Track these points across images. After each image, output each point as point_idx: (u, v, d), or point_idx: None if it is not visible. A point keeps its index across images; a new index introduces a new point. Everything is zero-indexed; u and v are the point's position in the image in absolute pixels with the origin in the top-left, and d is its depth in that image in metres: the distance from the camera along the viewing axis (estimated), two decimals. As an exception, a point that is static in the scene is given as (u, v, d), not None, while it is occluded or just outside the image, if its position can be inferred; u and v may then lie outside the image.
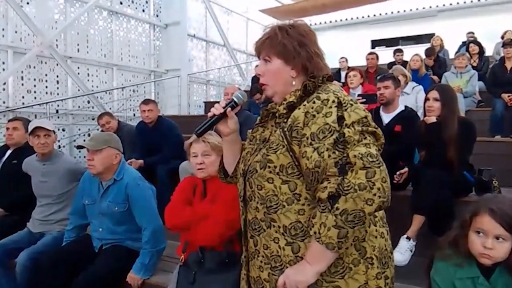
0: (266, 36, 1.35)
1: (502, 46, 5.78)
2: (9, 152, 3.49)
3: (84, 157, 6.32)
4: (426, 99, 2.90)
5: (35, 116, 6.05)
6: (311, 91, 1.29)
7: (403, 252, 2.58)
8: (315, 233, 1.15)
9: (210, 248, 2.08)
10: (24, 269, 2.69)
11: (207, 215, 2.05)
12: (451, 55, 7.60)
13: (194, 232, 2.08)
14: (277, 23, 1.37)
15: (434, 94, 2.84)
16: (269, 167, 1.25)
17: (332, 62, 7.53)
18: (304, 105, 1.24)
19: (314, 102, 1.23)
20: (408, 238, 2.63)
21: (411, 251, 2.62)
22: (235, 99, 1.42)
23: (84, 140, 4.40)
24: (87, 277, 2.39)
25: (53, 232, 2.98)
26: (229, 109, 1.40)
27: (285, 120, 1.28)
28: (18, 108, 5.82)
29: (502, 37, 7.75)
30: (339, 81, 6.94)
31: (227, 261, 2.00)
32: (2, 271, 2.83)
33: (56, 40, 6.56)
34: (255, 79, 7.38)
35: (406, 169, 3.00)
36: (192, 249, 2.13)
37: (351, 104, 1.21)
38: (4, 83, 5.87)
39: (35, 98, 6.28)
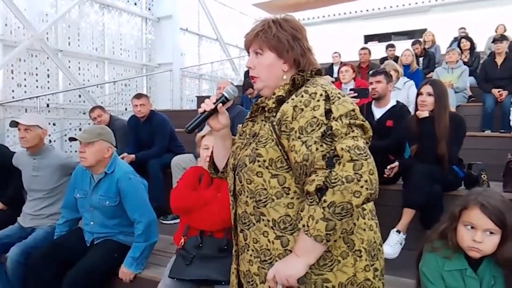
0: (259, 28, 1.33)
1: (493, 42, 5.81)
2: None
3: (76, 151, 6.30)
4: (419, 94, 2.91)
5: (25, 110, 6.00)
6: (299, 85, 1.29)
7: (393, 245, 2.61)
8: (303, 226, 1.16)
9: (209, 234, 2.15)
10: (16, 264, 2.69)
11: (211, 201, 2.13)
12: (443, 50, 7.64)
13: (196, 216, 2.16)
14: (269, 17, 1.36)
15: (427, 88, 2.86)
16: (258, 161, 1.25)
17: (325, 57, 7.59)
18: (293, 99, 1.24)
19: (302, 96, 1.23)
20: (398, 231, 2.65)
21: (401, 244, 2.64)
22: (226, 95, 1.40)
23: (76, 134, 4.38)
24: (79, 271, 2.39)
25: (44, 227, 2.96)
26: (220, 104, 1.38)
27: (274, 114, 1.28)
28: (8, 102, 5.77)
29: (496, 31, 7.80)
30: (331, 76, 6.96)
31: (225, 248, 2.07)
32: (-7, 265, 2.82)
33: (47, 33, 6.49)
34: (248, 74, 7.37)
35: (396, 163, 3.02)
36: (191, 233, 2.19)
37: (339, 98, 1.22)
38: (-6, 77, 5.81)
39: (25, 92, 6.22)
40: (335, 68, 7.11)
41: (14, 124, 2.95)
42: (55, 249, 2.59)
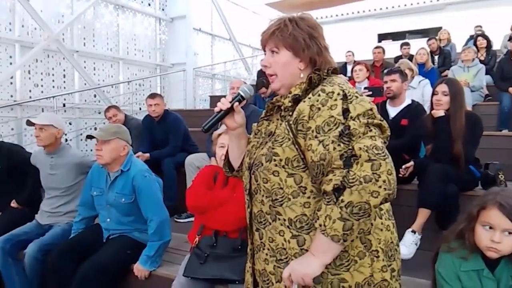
0: (275, 27, 1.32)
1: (509, 40, 5.71)
2: None
3: (91, 150, 6.38)
4: (434, 93, 2.88)
5: (42, 110, 6.10)
6: (316, 83, 1.28)
7: (408, 245, 2.59)
8: (320, 225, 1.15)
9: (223, 234, 2.16)
10: (33, 261, 2.74)
11: (227, 201, 2.13)
12: (459, 49, 7.54)
13: (212, 216, 2.17)
14: (285, 15, 1.35)
15: (443, 87, 2.83)
16: (275, 160, 1.25)
17: (338, 55, 7.55)
18: (309, 98, 1.24)
19: (319, 95, 1.22)
20: (414, 231, 2.63)
21: (416, 244, 2.62)
22: (242, 93, 1.40)
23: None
24: (91, 266, 2.42)
25: (61, 224, 3.01)
26: (236, 103, 1.38)
27: (290, 113, 1.28)
28: (25, 102, 5.87)
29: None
30: (345, 75, 6.92)
31: (239, 248, 2.08)
32: (12, 261, 2.86)
33: (63, 34, 6.59)
34: (261, 73, 7.37)
35: (411, 162, 3.00)
36: (206, 233, 2.21)
37: (356, 97, 1.21)
38: (12, 77, 5.92)
39: (42, 92, 6.32)
40: (349, 67, 7.07)
41: (30, 123, 3.01)
42: (73, 245, 2.63)
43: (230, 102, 1.38)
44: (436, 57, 6.88)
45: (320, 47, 1.32)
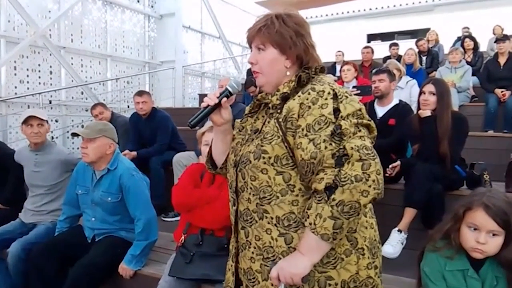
0: (261, 24, 1.31)
1: (495, 42, 5.80)
2: None
3: (78, 148, 6.30)
4: (421, 93, 2.91)
5: (28, 107, 5.99)
6: (305, 82, 1.28)
7: (394, 244, 2.61)
8: (310, 224, 1.15)
9: (210, 232, 2.15)
10: (17, 259, 2.70)
11: (215, 199, 2.12)
12: (446, 50, 7.62)
13: (198, 214, 2.15)
14: (272, 12, 1.34)
15: (430, 87, 2.85)
16: (264, 157, 1.24)
17: (328, 55, 7.57)
18: (299, 96, 1.23)
19: (309, 93, 1.22)
20: (400, 231, 2.65)
21: (402, 243, 2.64)
22: (230, 89, 1.38)
23: (78, 131, 4.37)
24: (82, 268, 2.39)
25: (45, 223, 2.97)
26: (224, 99, 1.37)
27: (279, 111, 1.27)
28: (10, 98, 5.77)
29: (494, 33, 7.81)
30: (334, 74, 6.93)
31: (225, 246, 2.06)
32: (-6, 261, 2.82)
33: (50, 30, 6.48)
34: (251, 72, 7.35)
35: (398, 162, 3.02)
36: (192, 231, 2.19)
37: (346, 97, 1.21)
38: (-3, 73, 5.81)
39: (28, 88, 6.21)
40: (338, 67, 7.09)
41: (33, 118, 2.94)
42: (57, 245, 2.60)
43: (218, 98, 1.36)
44: (424, 58, 6.95)
45: (307, 45, 1.31)
